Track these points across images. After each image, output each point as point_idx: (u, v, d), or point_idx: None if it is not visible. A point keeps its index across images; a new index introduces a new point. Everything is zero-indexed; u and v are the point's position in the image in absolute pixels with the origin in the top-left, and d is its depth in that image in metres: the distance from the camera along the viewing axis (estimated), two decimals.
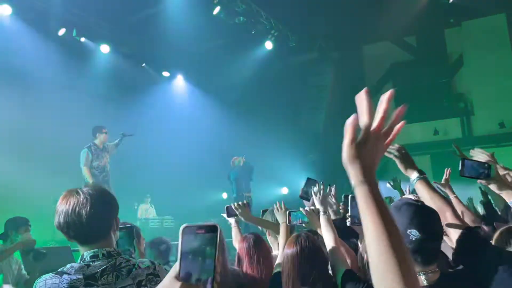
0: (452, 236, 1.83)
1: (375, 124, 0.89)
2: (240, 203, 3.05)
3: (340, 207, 3.16)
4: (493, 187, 2.05)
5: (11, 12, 8.03)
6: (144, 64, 10.72)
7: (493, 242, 1.85)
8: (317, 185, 2.62)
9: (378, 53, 12.07)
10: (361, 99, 0.89)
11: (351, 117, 0.90)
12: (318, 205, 2.55)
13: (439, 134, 11.08)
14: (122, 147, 7.71)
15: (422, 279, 1.52)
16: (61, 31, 8.76)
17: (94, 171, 7.02)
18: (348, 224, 2.35)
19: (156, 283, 1.64)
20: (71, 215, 1.61)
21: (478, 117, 10.98)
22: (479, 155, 2.34)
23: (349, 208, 2.27)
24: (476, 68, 10.96)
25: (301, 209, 2.74)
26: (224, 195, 10.90)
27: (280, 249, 2.64)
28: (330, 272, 2.17)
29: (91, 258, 1.63)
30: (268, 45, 10.41)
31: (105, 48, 9.55)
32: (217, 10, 8.92)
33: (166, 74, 11.35)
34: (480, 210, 4.54)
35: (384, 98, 0.90)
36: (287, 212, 2.76)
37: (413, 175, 1.97)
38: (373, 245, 0.82)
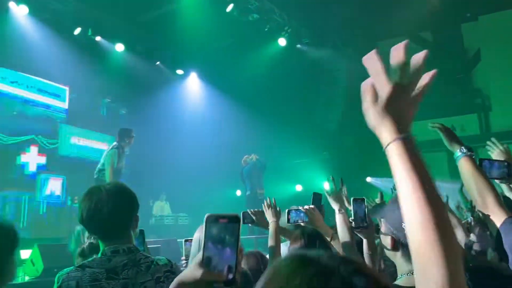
0: (495, 223, 1.66)
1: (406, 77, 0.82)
2: (257, 210, 2.95)
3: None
4: None
5: (28, 11, 8.19)
6: (158, 62, 10.80)
7: None
8: (329, 182, 2.58)
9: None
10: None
11: (368, 79, 0.87)
12: (332, 204, 2.51)
13: (456, 131, 10.84)
14: (137, 145, 7.71)
15: None
16: (77, 30, 8.88)
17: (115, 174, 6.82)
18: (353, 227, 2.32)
19: (173, 280, 1.69)
20: (93, 211, 1.68)
21: (496, 113, 10.77)
22: (496, 149, 2.24)
23: (352, 211, 2.20)
24: (493, 63, 10.75)
25: (300, 207, 2.68)
26: (238, 192, 10.94)
27: (270, 249, 2.51)
28: None
29: (112, 253, 1.68)
30: (282, 41, 10.38)
31: (120, 47, 9.65)
32: (230, 7, 8.93)
33: (180, 72, 11.43)
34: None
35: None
36: (286, 210, 2.67)
37: (458, 150, 1.84)
38: (409, 203, 0.75)
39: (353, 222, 2.17)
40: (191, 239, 2.49)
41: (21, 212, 8.35)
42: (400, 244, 1.40)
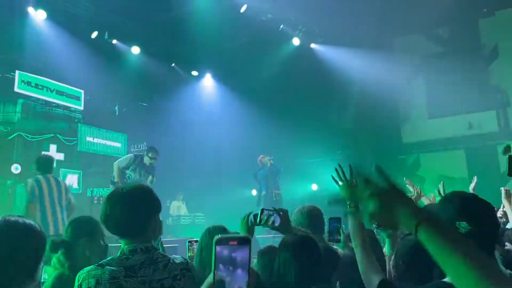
0: None
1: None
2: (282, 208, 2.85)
3: None
4: None
5: (46, 16, 8.36)
6: (173, 64, 10.91)
7: None
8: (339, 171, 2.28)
9: (409, 47, 11.80)
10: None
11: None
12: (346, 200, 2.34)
13: (474, 128, 10.74)
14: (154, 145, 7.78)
15: None
16: (94, 34, 9.03)
17: (123, 178, 6.96)
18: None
19: (189, 278, 1.78)
20: (110, 211, 1.76)
21: None
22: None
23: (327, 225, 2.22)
24: None
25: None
26: (254, 192, 10.97)
27: None
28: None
29: (130, 252, 1.74)
30: (296, 41, 10.38)
31: (135, 50, 9.79)
32: (244, 8, 8.97)
33: (195, 73, 11.52)
34: None
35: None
36: (260, 209, 2.50)
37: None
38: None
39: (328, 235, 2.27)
40: (194, 241, 2.53)
41: None
42: None
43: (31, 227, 1.53)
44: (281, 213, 2.50)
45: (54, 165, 5.42)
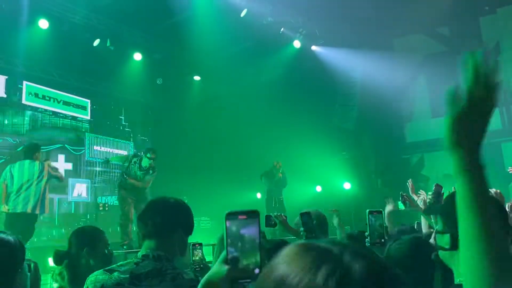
0: None
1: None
2: (279, 214, 2.95)
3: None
4: None
5: (48, 25, 8.41)
6: (175, 69, 10.95)
7: None
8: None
9: (410, 46, 11.80)
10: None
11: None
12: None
13: None
14: (160, 150, 7.81)
15: None
16: (96, 42, 9.09)
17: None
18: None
19: None
20: (142, 213, 1.88)
21: None
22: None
23: (368, 224, 1.95)
24: None
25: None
26: (258, 195, 10.97)
27: None
28: None
29: (142, 257, 1.74)
30: (296, 44, 10.40)
31: (137, 56, 9.84)
32: (244, 12, 9.00)
33: (197, 78, 11.55)
34: None
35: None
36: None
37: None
38: (467, 251, 0.74)
39: (368, 237, 1.95)
40: (199, 244, 2.52)
41: (54, 212, 9.34)
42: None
43: (5, 239, 1.58)
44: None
45: (35, 151, 6.12)
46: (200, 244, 2.50)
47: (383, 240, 1.93)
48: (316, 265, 0.55)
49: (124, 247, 6.43)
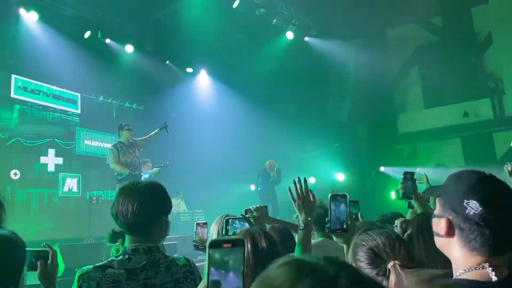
0: None
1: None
2: (259, 206, 2.71)
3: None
4: None
5: (38, 17, 8.28)
6: (168, 62, 10.86)
7: None
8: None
9: (403, 37, 11.80)
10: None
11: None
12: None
13: (469, 116, 10.77)
14: (151, 144, 7.79)
15: (490, 274, 1.09)
16: (87, 34, 8.97)
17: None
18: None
19: (192, 280, 1.76)
20: (121, 206, 1.71)
21: (510, 96, 10.60)
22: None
23: (330, 209, 1.85)
24: (505, 46, 10.55)
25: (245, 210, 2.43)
26: (252, 187, 10.99)
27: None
28: None
29: (132, 252, 1.71)
30: (289, 35, 10.35)
31: (129, 48, 9.73)
32: (236, 3, 8.93)
33: (189, 70, 11.48)
34: None
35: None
36: (225, 219, 2.26)
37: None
38: None
39: (328, 223, 1.84)
40: (203, 223, 2.49)
41: (45, 207, 9.34)
42: (459, 228, 1.13)
43: (9, 236, 1.57)
44: (254, 213, 2.40)
45: None
46: (205, 223, 2.48)
47: (345, 227, 1.82)
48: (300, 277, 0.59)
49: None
